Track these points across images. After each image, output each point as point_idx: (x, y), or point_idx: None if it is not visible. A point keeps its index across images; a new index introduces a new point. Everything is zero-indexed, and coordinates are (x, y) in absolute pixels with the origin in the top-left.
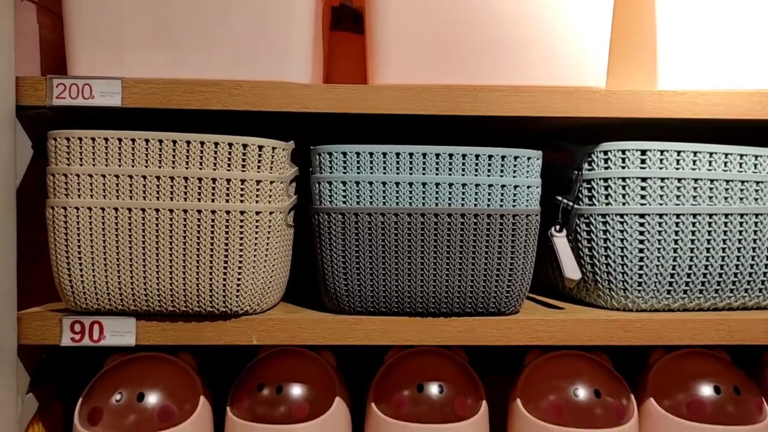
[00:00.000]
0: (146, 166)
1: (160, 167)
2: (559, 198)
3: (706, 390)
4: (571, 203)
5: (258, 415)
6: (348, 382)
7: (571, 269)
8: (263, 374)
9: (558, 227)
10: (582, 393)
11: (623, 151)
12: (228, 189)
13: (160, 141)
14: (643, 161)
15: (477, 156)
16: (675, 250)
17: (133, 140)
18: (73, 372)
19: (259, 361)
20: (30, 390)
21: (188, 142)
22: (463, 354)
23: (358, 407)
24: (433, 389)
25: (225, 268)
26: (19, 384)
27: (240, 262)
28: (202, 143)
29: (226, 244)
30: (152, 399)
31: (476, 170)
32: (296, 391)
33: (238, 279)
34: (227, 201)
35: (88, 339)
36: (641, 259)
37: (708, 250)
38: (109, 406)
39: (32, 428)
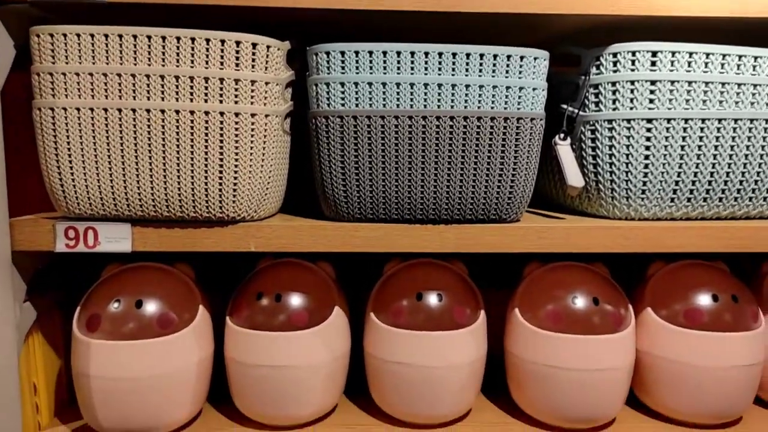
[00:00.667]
0: (135, 64)
1: (149, 65)
2: (564, 106)
3: (704, 298)
4: (576, 110)
5: (257, 323)
6: (348, 294)
7: (574, 177)
8: (262, 284)
9: (562, 135)
10: (580, 301)
11: (633, 53)
12: (221, 89)
13: (149, 37)
14: (653, 63)
15: (482, 55)
16: (681, 157)
17: (120, 36)
18: (72, 284)
19: (258, 272)
20: (27, 299)
21: (178, 38)
22: (462, 266)
23: (359, 320)
24: (432, 298)
25: (220, 172)
26: (15, 291)
27: (236, 166)
28: (193, 39)
29: (221, 148)
30: (151, 306)
31: (480, 70)
32: (295, 299)
33: (234, 184)
34: (221, 102)
35: (83, 245)
36: (646, 166)
37: (715, 156)
38: (107, 313)
39: (31, 337)
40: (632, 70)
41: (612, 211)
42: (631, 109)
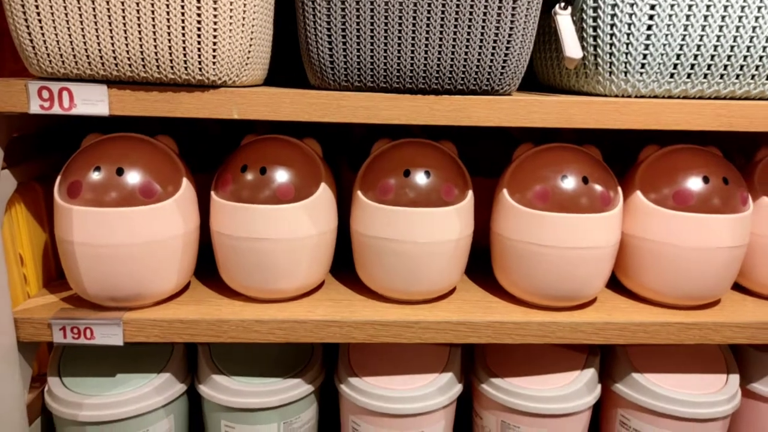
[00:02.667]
0: None
1: None
2: None
3: (693, 180)
4: None
5: (243, 197)
6: (337, 175)
7: (573, 48)
8: (247, 157)
9: (563, 4)
10: (568, 180)
11: None
12: None
13: None
14: None
15: None
16: (685, 28)
17: None
18: (54, 158)
19: (243, 147)
20: (5, 166)
21: None
22: (452, 146)
23: (348, 200)
24: (420, 175)
25: (198, 30)
26: None
27: (215, 23)
28: None
29: (198, 4)
30: (132, 175)
31: None
32: (280, 173)
33: (214, 43)
34: None
35: (57, 107)
36: (648, 38)
37: (720, 28)
38: (88, 180)
39: (14, 208)
40: None
41: (609, 87)
42: None
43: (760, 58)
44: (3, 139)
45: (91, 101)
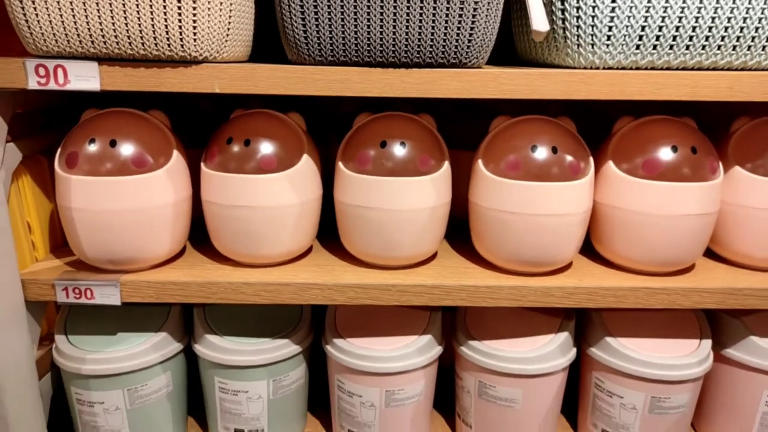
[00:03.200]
0: None
1: None
2: None
3: (663, 149)
4: None
5: (229, 168)
6: (327, 150)
7: (540, 21)
8: (232, 130)
9: None
10: (539, 150)
11: None
12: None
13: None
14: None
15: None
16: (649, 0)
17: None
18: (58, 133)
19: (230, 121)
20: (10, 139)
21: None
22: (430, 119)
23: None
24: (396, 146)
25: (179, 8)
26: None
27: (194, 2)
28: None
29: None
30: (125, 146)
31: None
32: (264, 144)
33: (194, 21)
34: None
35: (53, 83)
36: (613, 10)
37: (684, 0)
38: (84, 151)
39: (21, 179)
40: None
41: (577, 59)
42: None
43: (725, 29)
44: (6, 114)
45: (84, 77)
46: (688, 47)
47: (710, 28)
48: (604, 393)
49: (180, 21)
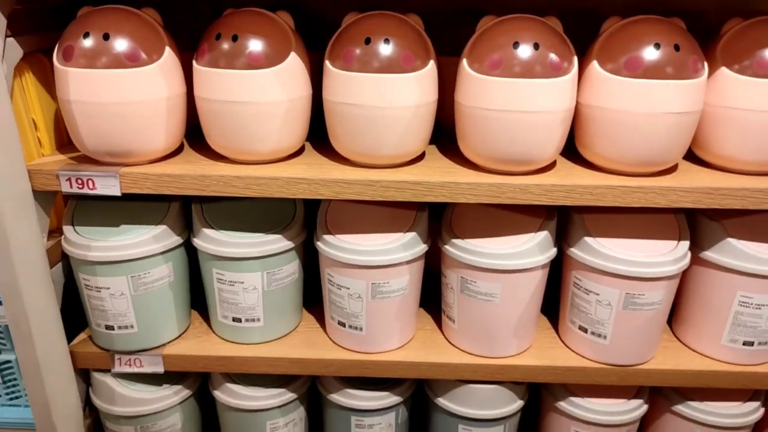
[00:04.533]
0: None
1: None
2: None
3: (645, 47)
4: None
5: (219, 64)
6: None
7: None
8: (221, 26)
9: None
10: (521, 47)
11: None
12: None
13: None
14: None
15: None
16: None
17: None
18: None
19: (220, 18)
20: (10, 34)
21: None
22: (418, 20)
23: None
24: (381, 43)
25: None
26: None
27: None
28: None
29: None
30: (119, 41)
31: None
32: (252, 41)
33: None
34: None
35: None
36: None
37: None
38: (78, 45)
39: (23, 76)
40: None
41: None
42: None
43: None
44: (5, 9)
45: None
46: None
47: None
48: (582, 291)
49: None
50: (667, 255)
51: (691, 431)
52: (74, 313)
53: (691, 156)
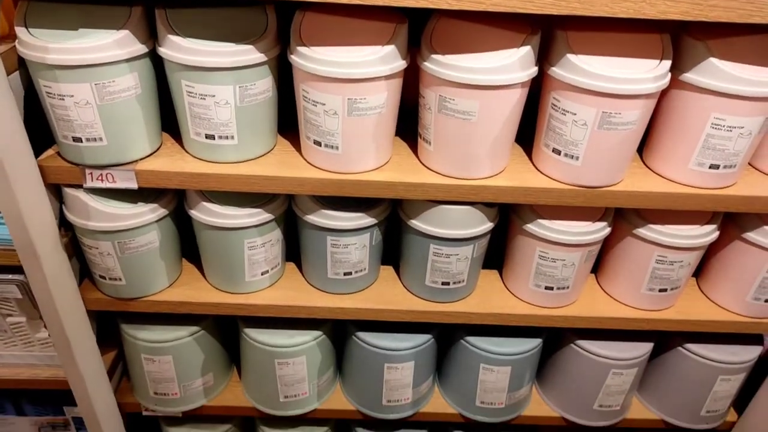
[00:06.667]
0: None
1: None
2: None
3: None
4: None
5: None
6: None
7: None
8: None
9: None
10: None
11: None
12: None
13: None
14: None
15: None
16: None
17: None
18: None
19: None
20: None
21: None
22: None
23: None
24: None
25: None
26: None
27: None
28: None
29: None
30: None
31: None
32: None
33: None
34: None
35: None
36: None
37: None
38: None
39: None
40: None
41: None
42: None
43: None
44: None
45: None
46: None
47: None
48: (559, 112)
49: None
50: (647, 73)
51: (650, 252)
52: (41, 130)
53: None
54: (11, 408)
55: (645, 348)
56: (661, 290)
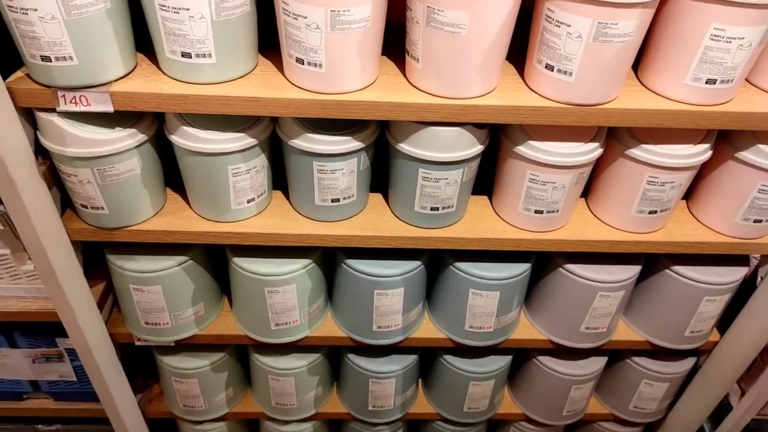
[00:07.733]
0: None
1: None
2: None
3: None
4: None
5: None
6: None
7: None
8: None
9: None
10: None
11: None
12: None
13: None
14: None
15: None
16: None
17: None
18: None
19: None
20: None
21: None
22: None
23: None
24: None
25: None
26: None
27: None
28: None
29: None
30: None
31: None
32: None
33: None
34: None
35: None
36: None
37: None
38: None
39: None
40: None
41: None
42: None
43: None
44: None
45: None
46: None
47: None
48: (553, 24)
49: None
50: None
51: (641, 173)
52: (8, 52)
53: None
54: (4, 341)
55: (632, 271)
56: (651, 212)
